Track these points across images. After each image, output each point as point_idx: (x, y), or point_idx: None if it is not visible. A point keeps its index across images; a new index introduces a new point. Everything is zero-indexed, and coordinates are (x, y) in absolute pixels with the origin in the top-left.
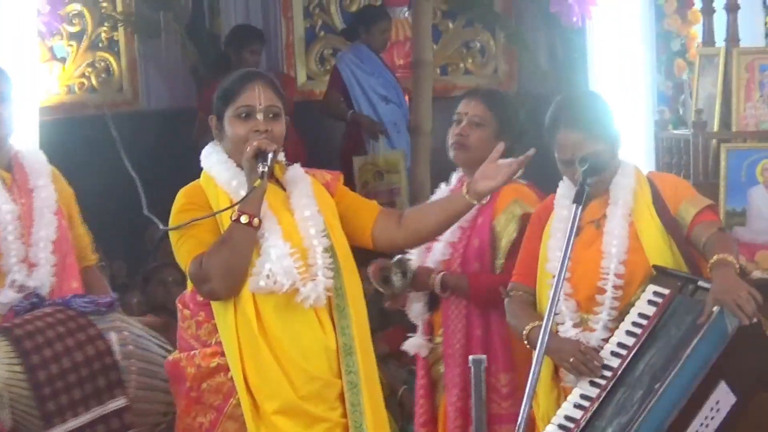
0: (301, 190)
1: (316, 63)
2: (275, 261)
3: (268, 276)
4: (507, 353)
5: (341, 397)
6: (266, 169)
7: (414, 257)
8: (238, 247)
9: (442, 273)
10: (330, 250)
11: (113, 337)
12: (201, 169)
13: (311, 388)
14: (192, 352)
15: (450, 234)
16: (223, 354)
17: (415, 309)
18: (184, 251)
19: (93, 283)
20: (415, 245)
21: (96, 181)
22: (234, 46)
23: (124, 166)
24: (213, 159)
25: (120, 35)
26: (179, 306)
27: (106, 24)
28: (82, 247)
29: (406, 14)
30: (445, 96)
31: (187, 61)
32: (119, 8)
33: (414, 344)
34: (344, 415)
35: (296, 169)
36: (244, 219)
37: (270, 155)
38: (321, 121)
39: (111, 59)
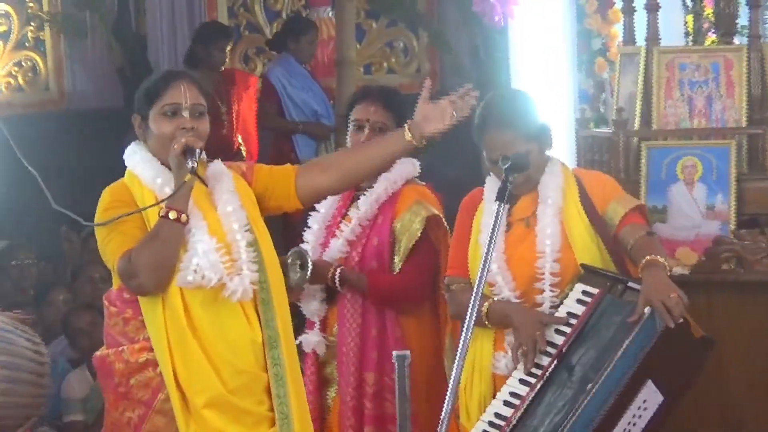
0: (223, 185)
1: (240, 62)
2: (202, 256)
3: (195, 271)
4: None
5: (267, 391)
6: (195, 164)
7: (310, 252)
8: (166, 243)
9: (341, 268)
10: (253, 244)
11: None
12: (125, 167)
13: (239, 382)
14: (120, 348)
15: (349, 231)
16: (151, 349)
17: (312, 305)
18: (112, 247)
19: None
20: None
21: (24, 181)
22: (202, 43)
23: (52, 166)
24: (137, 157)
25: (46, 35)
26: (106, 303)
27: (32, 24)
28: None
29: (330, 14)
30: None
31: (113, 61)
32: (45, 8)
33: (311, 341)
34: (271, 409)
35: (218, 165)
36: (172, 215)
37: (197, 151)
38: None
39: (37, 59)
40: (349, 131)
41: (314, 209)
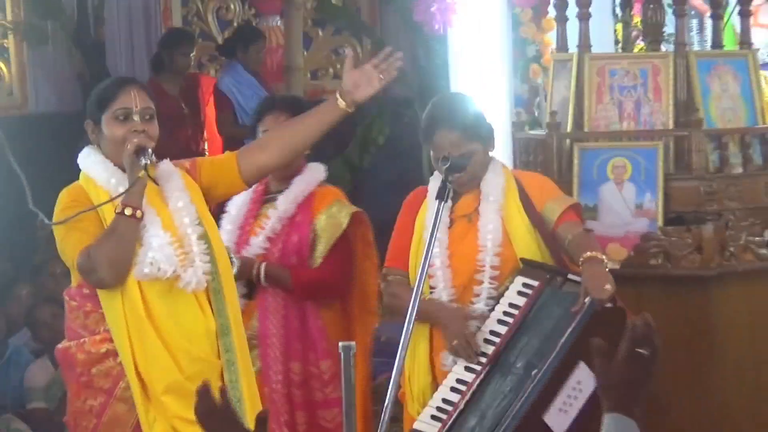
0: (173, 183)
1: (194, 68)
2: (157, 249)
3: (151, 264)
4: (324, 341)
5: (222, 378)
6: (148, 162)
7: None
8: (123, 238)
9: (265, 263)
10: (204, 237)
11: None
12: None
13: (195, 369)
14: (81, 340)
15: (269, 229)
16: (111, 340)
17: None
18: (71, 244)
19: None
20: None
21: None
22: (167, 49)
23: (8, 168)
24: (90, 160)
25: (10, 43)
26: (66, 298)
27: None
28: None
29: (278, 22)
30: (314, 100)
31: (73, 68)
32: (9, 17)
33: None
34: None
35: (166, 164)
36: (128, 211)
37: (149, 151)
38: None
39: (1, 65)
40: None
41: (224, 211)
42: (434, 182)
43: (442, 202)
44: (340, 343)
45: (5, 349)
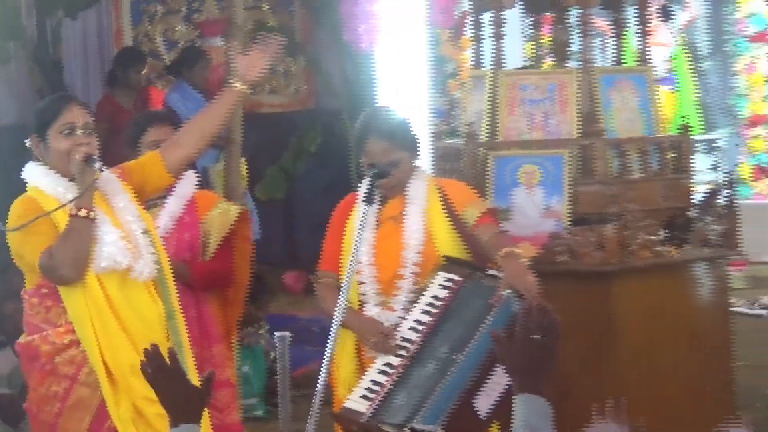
0: (113, 187)
1: (144, 84)
2: (111, 244)
3: (108, 257)
4: (215, 327)
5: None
6: (98, 167)
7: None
8: (81, 237)
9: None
10: (147, 231)
11: None
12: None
13: None
14: (44, 333)
15: (163, 229)
16: (74, 331)
17: None
18: (30, 248)
19: None
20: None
21: None
22: (121, 66)
23: None
24: (37, 172)
25: None
26: (25, 297)
27: None
28: None
29: (221, 43)
30: (252, 112)
31: (33, 83)
32: None
33: None
34: None
35: (105, 173)
36: (82, 213)
37: (95, 158)
38: None
39: None
40: (145, 152)
41: None
42: (363, 188)
43: (369, 206)
44: (277, 334)
45: None
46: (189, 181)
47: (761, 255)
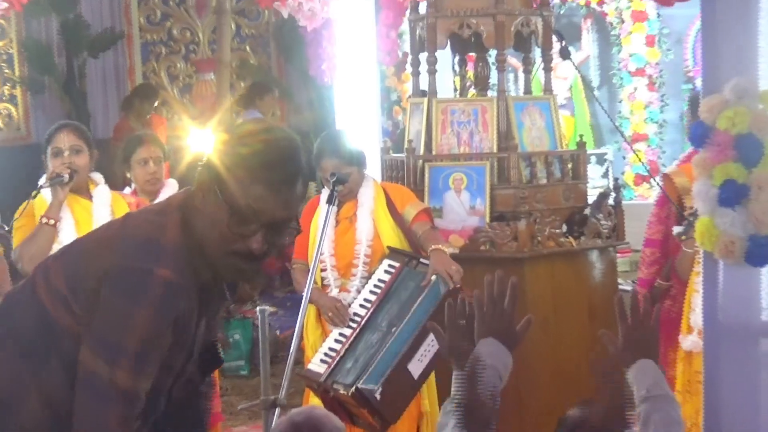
0: (100, 201)
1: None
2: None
3: None
4: None
5: None
6: (59, 184)
7: None
8: (41, 240)
9: None
10: None
11: None
12: None
13: None
14: None
15: None
16: None
17: None
18: (16, 242)
19: None
20: None
21: None
22: (138, 97)
23: (15, 180)
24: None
25: (17, 92)
26: None
27: (7, 84)
28: None
29: (212, 77)
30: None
31: (63, 109)
32: (17, 73)
33: None
34: None
35: (102, 188)
36: (44, 220)
37: (65, 176)
38: None
39: (12, 108)
40: (136, 168)
41: None
42: (324, 194)
43: (330, 205)
44: (258, 307)
45: None
46: (172, 188)
47: (641, 244)
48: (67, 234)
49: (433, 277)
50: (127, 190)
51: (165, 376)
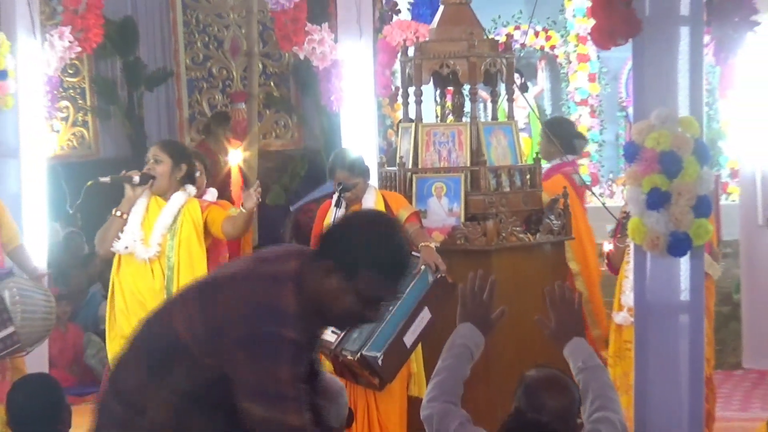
0: (172, 204)
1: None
2: (128, 236)
3: (122, 244)
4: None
5: None
6: (129, 183)
7: None
8: (110, 228)
9: None
10: (166, 233)
11: (5, 293)
12: None
13: (137, 306)
14: None
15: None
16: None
17: None
18: None
19: (20, 254)
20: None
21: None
22: (215, 122)
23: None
24: None
25: (89, 118)
26: None
27: (81, 112)
28: (7, 236)
29: (243, 106)
30: (264, 150)
31: (125, 132)
32: (88, 103)
33: None
34: None
35: (178, 193)
36: (115, 212)
37: (135, 178)
38: None
39: (84, 131)
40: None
41: None
42: (335, 198)
43: (338, 208)
44: None
45: (87, 293)
46: (212, 195)
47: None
48: (132, 225)
49: (422, 267)
50: None
51: None
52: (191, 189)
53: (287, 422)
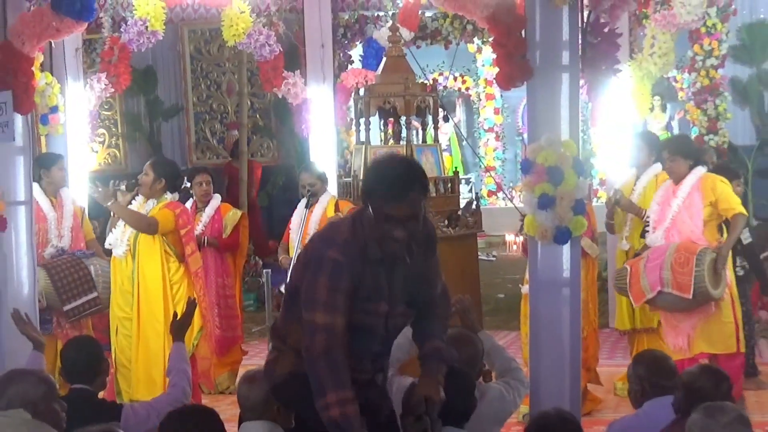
0: (149, 204)
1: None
2: (113, 237)
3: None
4: (230, 270)
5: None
6: (119, 191)
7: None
8: (108, 228)
9: (207, 236)
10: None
11: (91, 267)
12: None
13: (125, 293)
14: None
15: (204, 222)
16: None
17: None
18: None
19: (94, 245)
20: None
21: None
22: (237, 146)
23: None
24: None
25: (120, 142)
26: None
27: (113, 137)
28: (87, 230)
29: (236, 133)
30: (251, 165)
31: (148, 153)
32: (119, 131)
33: None
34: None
35: (150, 201)
36: (112, 214)
37: (122, 187)
38: None
39: (116, 152)
40: (195, 188)
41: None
42: (302, 201)
43: (306, 209)
44: (264, 271)
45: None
46: (216, 200)
47: (491, 231)
48: (118, 225)
49: None
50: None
51: (373, 319)
52: (170, 196)
53: (315, 321)
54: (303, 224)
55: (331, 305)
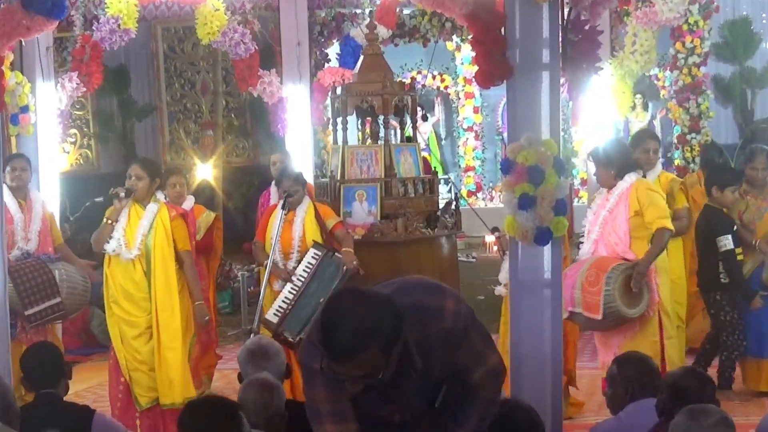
0: (149, 210)
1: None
2: (115, 240)
3: (111, 246)
4: (204, 272)
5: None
6: (116, 198)
7: None
8: (102, 232)
9: None
10: (145, 236)
11: (56, 272)
12: None
13: (128, 300)
14: None
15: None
16: None
17: None
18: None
19: (63, 249)
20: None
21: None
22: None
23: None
24: None
25: (92, 142)
26: None
27: (86, 137)
28: (55, 235)
29: (211, 133)
30: (228, 164)
31: (120, 154)
32: (91, 130)
33: None
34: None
35: (152, 205)
36: (107, 221)
37: (121, 194)
38: None
39: (88, 152)
40: (168, 188)
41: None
42: (280, 202)
43: (283, 210)
44: (239, 272)
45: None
46: (190, 201)
47: (470, 233)
48: (119, 230)
49: (344, 268)
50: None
51: (387, 416)
52: (161, 196)
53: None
54: (280, 226)
55: (339, 413)
